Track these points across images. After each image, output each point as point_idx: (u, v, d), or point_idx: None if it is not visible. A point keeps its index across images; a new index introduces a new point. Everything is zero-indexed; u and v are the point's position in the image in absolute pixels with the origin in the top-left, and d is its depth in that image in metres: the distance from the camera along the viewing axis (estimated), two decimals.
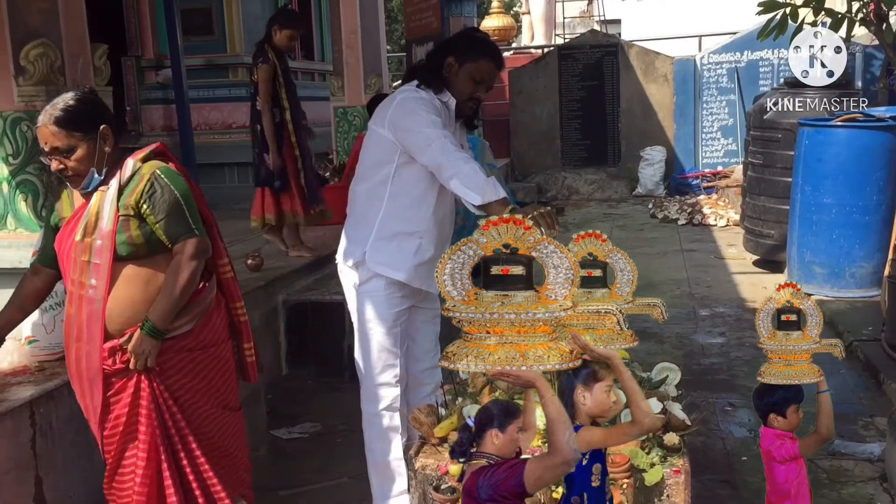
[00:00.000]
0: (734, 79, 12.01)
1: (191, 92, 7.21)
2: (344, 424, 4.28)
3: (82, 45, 3.75)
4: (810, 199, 6.11)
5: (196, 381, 2.69)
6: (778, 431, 2.48)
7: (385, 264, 3.08)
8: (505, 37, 16.33)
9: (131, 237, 2.54)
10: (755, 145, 7.45)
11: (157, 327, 2.55)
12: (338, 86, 8.10)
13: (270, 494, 3.67)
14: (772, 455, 2.48)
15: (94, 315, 2.56)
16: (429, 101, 2.99)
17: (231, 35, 8.56)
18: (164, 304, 2.56)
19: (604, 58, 12.69)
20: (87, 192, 2.60)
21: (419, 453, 2.50)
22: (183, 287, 2.57)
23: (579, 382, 1.97)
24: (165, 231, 2.57)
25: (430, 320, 3.33)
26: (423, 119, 2.91)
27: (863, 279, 5.97)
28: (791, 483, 2.48)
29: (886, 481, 3.49)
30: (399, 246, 3.07)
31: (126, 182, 2.58)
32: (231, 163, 8.51)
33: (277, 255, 5.74)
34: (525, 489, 1.69)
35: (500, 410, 1.81)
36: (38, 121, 2.53)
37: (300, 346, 5.17)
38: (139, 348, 2.54)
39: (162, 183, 2.57)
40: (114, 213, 2.54)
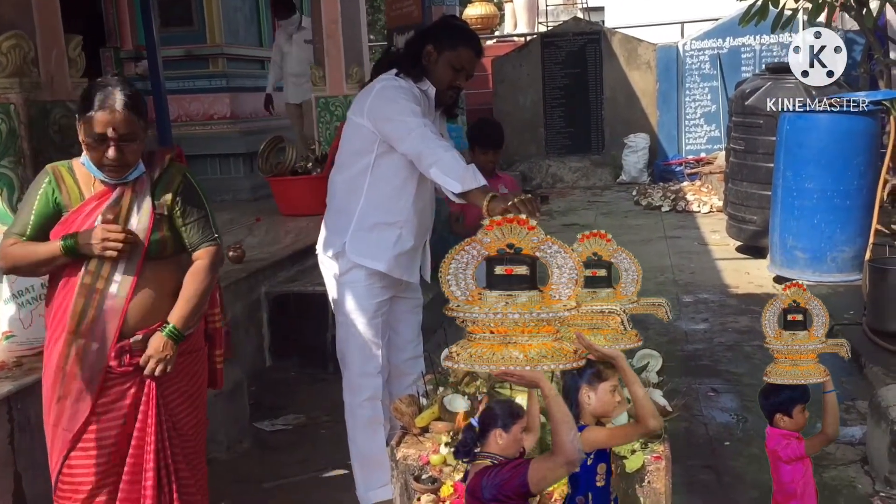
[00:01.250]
0: (717, 65, 12.04)
1: (170, 83, 7.14)
2: (327, 416, 4.27)
3: (56, 36, 3.69)
4: (792, 184, 6.13)
5: (187, 385, 2.64)
6: (784, 431, 2.47)
7: (365, 255, 3.06)
8: (488, 25, 16.30)
9: (163, 237, 2.50)
10: (737, 131, 7.47)
11: (181, 331, 2.50)
12: (319, 75, 8.05)
13: (254, 486, 3.66)
14: (778, 455, 2.48)
15: (114, 312, 2.46)
16: (408, 90, 2.97)
17: (211, 26, 8.46)
18: (185, 308, 2.51)
19: (587, 45, 12.69)
20: (120, 183, 2.47)
21: (401, 443, 2.49)
22: (203, 293, 2.54)
23: (584, 382, 1.97)
24: (192, 235, 2.54)
25: (411, 310, 3.32)
26: (402, 107, 2.89)
27: (844, 263, 6.00)
28: (797, 483, 2.47)
29: (868, 464, 3.51)
30: (379, 236, 3.06)
31: (157, 180, 2.52)
32: (212, 154, 8.44)
33: (259, 246, 5.72)
34: (529, 489, 1.69)
35: (503, 411, 1.80)
36: (103, 104, 2.34)
37: (283, 337, 5.16)
38: (161, 352, 2.47)
39: (193, 186, 2.56)
40: (149, 210, 2.47)
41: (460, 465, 2.30)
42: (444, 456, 2.33)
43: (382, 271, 3.07)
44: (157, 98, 4.07)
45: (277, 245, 5.83)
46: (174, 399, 2.59)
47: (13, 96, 3.47)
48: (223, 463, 3.91)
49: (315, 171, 7.09)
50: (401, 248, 3.08)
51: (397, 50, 3.27)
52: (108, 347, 2.46)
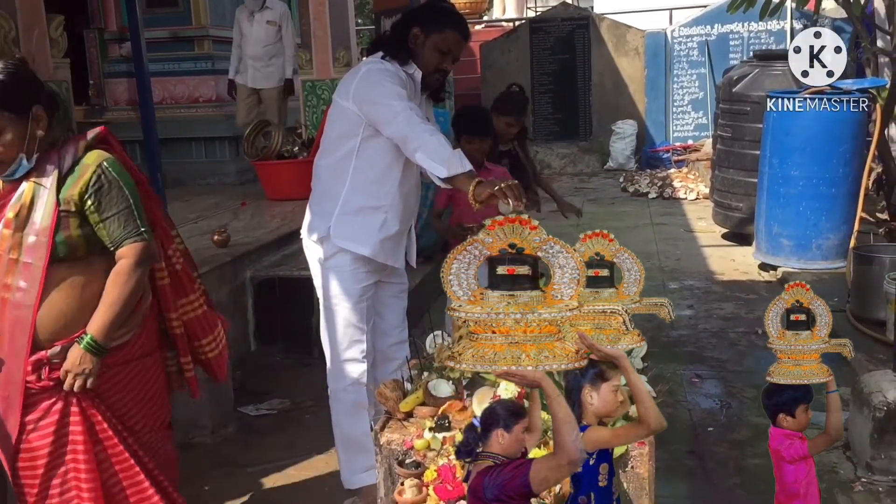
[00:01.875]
0: (704, 52, 12.05)
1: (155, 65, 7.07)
2: (312, 400, 4.26)
3: (37, 15, 3.66)
4: (778, 171, 6.15)
5: (134, 396, 2.43)
6: (787, 431, 2.47)
7: (350, 239, 3.05)
8: (476, 10, 16.23)
9: (70, 236, 2.25)
10: (724, 118, 7.48)
11: (99, 342, 2.27)
12: (305, 59, 8.01)
13: (239, 471, 3.66)
14: (781, 455, 2.48)
15: (22, 323, 2.24)
16: (394, 73, 2.94)
17: (196, 7, 8.37)
18: (105, 315, 2.27)
19: (575, 31, 12.66)
20: (12, 180, 2.27)
21: (384, 428, 2.49)
22: (127, 297, 2.30)
23: (586, 382, 1.96)
24: (110, 232, 2.29)
25: (396, 295, 3.31)
26: (388, 91, 2.86)
27: (829, 251, 6.02)
28: (800, 483, 2.47)
29: (850, 450, 3.54)
30: (364, 220, 3.04)
31: (67, 172, 2.27)
32: (198, 137, 8.37)
33: (244, 230, 5.69)
34: (531, 489, 1.69)
35: (505, 410, 1.80)
36: None
37: (268, 322, 5.14)
38: (78, 366, 2.25)
39: (110, 177, 2.28)
40: (53, 207, 2.23)
41: (444, 449, 2.30)
42: (428, 441, 2.33)
43: (367, 256, 3.06)
44: (141, 80, 4.03)
45: (263, 229, 5.80)
46: (122, 407, 2.42)
47: None
48: (208, 447, 3.90)
49: (301, 156, 7.06)
50: (386, 233, 3.06)
51: (384, 32, 3.24)
52: (21, 362, 2.26)
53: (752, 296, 5.94)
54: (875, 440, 3.34)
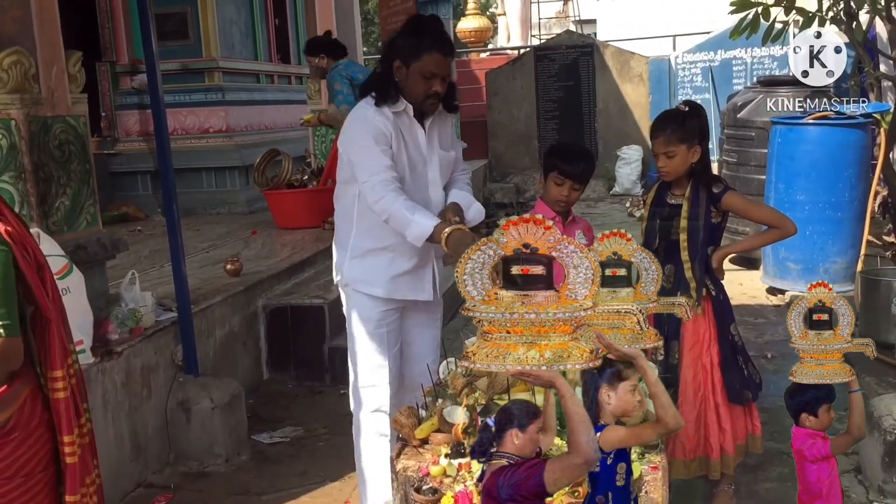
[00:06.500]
0: (708, 78, 12.12)
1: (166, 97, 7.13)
2: (325, 428, 4.29)
3: (56, 52, 3.73)
4: (784, 196, 6.19)
5: None
6: (810, 431, 2.48)
7: (361, 281, 3.10)
8: (481, 38, 16.38)
9: None
10: (729, 143, 7.53)
11: None
12: (315, 89, 8.09)
13: (254, 499, 3.68)
14: (803, 454, 2.48)
15: None
16: (372, 122, 2.94)
17: (206, 39, 8.51)
18: None
19: (579, 58, 12.76)
20: None
21: (400, 455, 2.51)
22: None
23: (604, 382, 1.97)
24: None
25: (426, 324, 3.28)
26: (363, 150, 2.92)
27: (836, 275, 6.04)
28: (823, 482, 2.47)
29: (861, 473, 3.54)
30: (372, 262, 3.08)
31: None
32: (208, 167, 8.48)
33: (256, 259, 5.74)
34: (545, 489, 1.69)
35: (520, 410, 1.80)
36: None
37: (280, 350, 5.17)
38: None
39: None
40: None
41: (460, 476, 2.33)
42: (444, 467, 2.35)
43: (381, 297, 3.10)
44: (156, 112, 4.10)
45: (274, 258, 5.85)
46: None
47: (14, 112, 3.50)
48: (222, 475, 3.92)
49: (311, 184, 7.13)
50: (396, 271, 3.08)
51: (374, 70, 3.25)
52: None
53: (760, 319, 5.95)
54: (886, 463, 3.35)
